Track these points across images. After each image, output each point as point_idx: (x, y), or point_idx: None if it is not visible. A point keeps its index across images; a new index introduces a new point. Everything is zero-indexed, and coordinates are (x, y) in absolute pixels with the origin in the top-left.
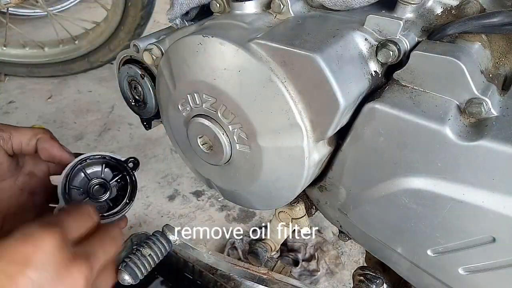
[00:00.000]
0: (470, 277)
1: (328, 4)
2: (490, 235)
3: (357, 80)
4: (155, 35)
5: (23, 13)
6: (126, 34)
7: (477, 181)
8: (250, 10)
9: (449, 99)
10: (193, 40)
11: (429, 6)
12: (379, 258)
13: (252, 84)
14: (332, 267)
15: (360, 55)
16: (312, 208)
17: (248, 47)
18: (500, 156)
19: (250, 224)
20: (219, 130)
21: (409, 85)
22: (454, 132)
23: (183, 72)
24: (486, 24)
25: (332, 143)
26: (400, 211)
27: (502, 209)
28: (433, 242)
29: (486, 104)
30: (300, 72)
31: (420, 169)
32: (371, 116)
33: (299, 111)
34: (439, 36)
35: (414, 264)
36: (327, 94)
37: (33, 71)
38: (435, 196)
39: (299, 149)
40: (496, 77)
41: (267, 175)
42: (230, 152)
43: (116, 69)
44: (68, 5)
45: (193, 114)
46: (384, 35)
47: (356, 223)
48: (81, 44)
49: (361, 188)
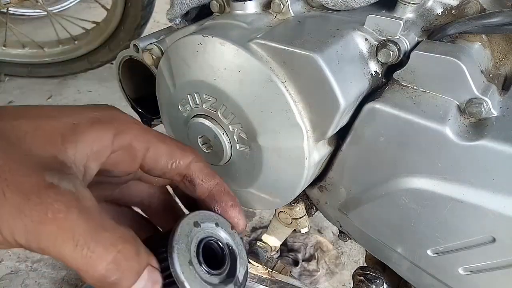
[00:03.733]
0: (470, 277)
1: (328, 4)
2: (490, 235)
3: (357, 80)
4: (155, 35)
5: (23, 13)
6: (126, 34)
7: (477, 181)
8: (250, 10)
9: (449, 99)
10: (193, 40)
11: (429, 6)
12: (379, 258)
13: (252, 84)
14: (332, 267)
15: (360, 55)
16: (312, 208)
17: (248, 47)
18: (500, 156)
19: (250, 224)
20: (219, 130)
21: (409, 85)
22: (454, 132)
23: (183, 72)
24: (486, 24)
25: (332, 143)
26: (400, 211)
27: (502, 209)
28: (433, 242)
29: (486, 104)
30: (300, 72)
31: (420, 169)
32: (371, 116)
33: (299, 111)
34: (439, 36)
35: (414, 264)
36: (327, 94)
37: (33, 71)
38: (435, 196)
39: (299, 149)
40: (496, 77)
41: (267, 175)
42: (230, 152)
43: (116, 69)
44: (68, 5)
45: (193, 114)
46: (384, 35)
47: (356, 223)
48: (81, 44)
49: (361, 188)
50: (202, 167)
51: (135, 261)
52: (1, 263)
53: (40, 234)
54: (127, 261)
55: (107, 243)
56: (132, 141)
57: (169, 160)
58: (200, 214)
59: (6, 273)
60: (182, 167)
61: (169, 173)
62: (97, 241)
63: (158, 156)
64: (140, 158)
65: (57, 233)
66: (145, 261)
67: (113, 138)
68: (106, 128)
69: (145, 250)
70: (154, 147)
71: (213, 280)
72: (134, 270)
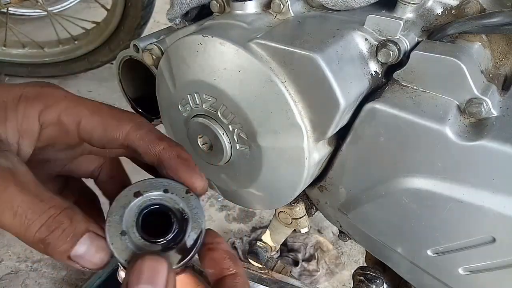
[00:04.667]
0: (470, 277)
1: (328, 4)
2: (490, 235)
3: (357, 80)
4: (155, 35)
5: (23, 13)
6: (126, 34)
7: (477, 181)
8: (250, 10)
9: (449, 99)
10: (193, 40)
11: (429, 6)
12: (379, 258)
13: (252, 84)
14: (332, 267)
15: (360, 55)
16: (312, 208)
17: (248, 47)
18: (500, 156)
19: (250, 224)
20: (219, 130)
21: (409, 85)
22: (454, 132)
23: (183, 72)
24: (486, 24)
25: (332, 143)
26: (400, 211)
27: (502, 209)
28: (433, 242)
29: (486, 104)
30: (300, 72)
31: (420, 169)
32: (371, 116)
33: (299, 111)
34: (439, 36)
35: (414, 264)
36: (327, 94)
37: (33, 71)
38: (435, 196)
39: (299, 149)
40: (496, 77)
41: (267, 175)
42: (230, 152)
43: (116, 69)
44: (68, 5)
45: (193, 114)
46: (384, 35)
47: (356, 223)
48: (81, 44)
49: (361, 188)
50: (143, 135)
51: (69, 226)
52: (1, 263)
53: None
54: (60, 225)
55: (41, 211)
56: (60, 116)
57: (104, 132)
58: (146, 182)
59: (6, 273)
60: (120, 138)
61: (109, 145)
62: (33, 210)
63: (91, 129)
64: (74, 132)
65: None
66: (82, 227)
67: (39, 115)
68: (33, 104)
69: (83, 217)
70: (86, 120)
71: (154, 248)
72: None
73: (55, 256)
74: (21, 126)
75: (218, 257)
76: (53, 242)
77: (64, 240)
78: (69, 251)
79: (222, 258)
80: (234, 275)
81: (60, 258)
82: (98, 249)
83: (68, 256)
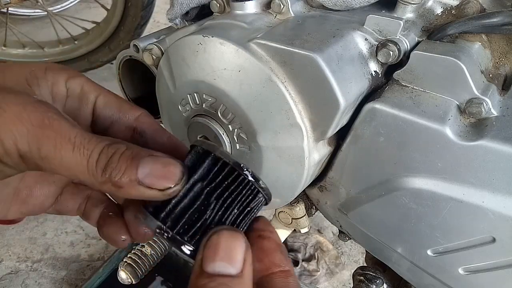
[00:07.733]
0: (470, 277)
1: (328, 4)
2: (490, 235)
3: (357, 80)
4: (155, 35)
5: (23, 13)
6: (126, 34)
7: (477, 181)
8: (250, 10)
9: (449, 99)
10: (193, 40)
11: (429, 6)
12: (379, 258)
13: (252, 84)
14: (332, 267)
15: (360, 55)
16: (312, 208)
17: (248, 47)
18: (500, 156)
19: None
20: (219, 130)
21: (409, 85)
22: (454, 132)
23: (183, 72)
24: (486, 24)
25: (332, 143)
26: (400, 211)
27: (502, 209)
28: (433, 242)
29: (486, 104)
30: (300, 72)
31: (420, 169)
32: (371, 116)
33: (299, 111)
34: (439, 36)
35: (414, 264)
36: (327, 94)
37: None
38: (435, 196)
39: (299, 149)
40: (496, 77)
41: (267, 175)
42: (230, 152)
43: (116, 69)
44: (68, 5)
45: (193, 114)
46: (384, 35)
47: (356, 223)
48: (81, 44)
49: (361, 188)
50: (152, 122)
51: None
52: (1, 263)
53: (41, 138)
54: (116, 150)
55: (96, 142)
56: (84, 85)
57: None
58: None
59: (6, 273)
60: (131, 119)
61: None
62: (89, 140)
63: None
64: (92, 103)
65: (56, 137)
66: (141, 151)
67: (66, 82)
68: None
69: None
70: (104, 95)
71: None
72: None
73: (123, 184)
74: (52, 90)
75: (269, 248)
76: (116, 168)
77: (125, 163)
78: (135, 173)
79: (273, 250)
80: (286, 273)
81: (129, 186)
82: (165, 164)
83: (137, 180)
